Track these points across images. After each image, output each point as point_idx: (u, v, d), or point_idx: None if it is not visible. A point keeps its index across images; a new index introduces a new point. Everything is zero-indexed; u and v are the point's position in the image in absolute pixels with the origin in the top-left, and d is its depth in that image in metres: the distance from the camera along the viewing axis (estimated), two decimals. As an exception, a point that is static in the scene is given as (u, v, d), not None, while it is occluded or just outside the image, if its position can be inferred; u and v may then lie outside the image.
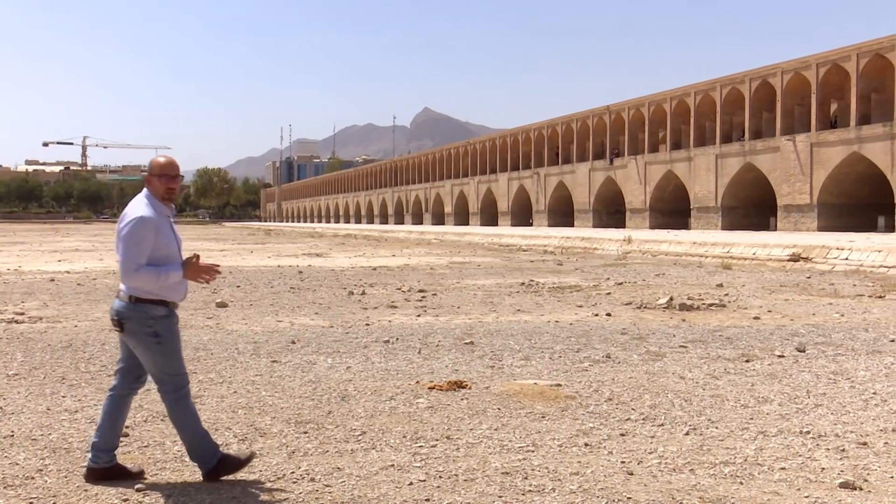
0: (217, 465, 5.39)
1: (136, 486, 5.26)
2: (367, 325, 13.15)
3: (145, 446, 6.21)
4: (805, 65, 50.73)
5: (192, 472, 5.57)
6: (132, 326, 5.24)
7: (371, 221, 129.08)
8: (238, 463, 5.44)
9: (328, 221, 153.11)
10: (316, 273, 25.24)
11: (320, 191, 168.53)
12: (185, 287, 5.43)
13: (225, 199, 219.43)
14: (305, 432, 6.59)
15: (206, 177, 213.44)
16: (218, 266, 5.48)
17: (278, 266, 28.91)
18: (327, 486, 5.34)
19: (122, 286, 5.30)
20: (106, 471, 5.38)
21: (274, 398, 7.79)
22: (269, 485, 5.37)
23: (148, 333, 5.23)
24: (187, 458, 5.73)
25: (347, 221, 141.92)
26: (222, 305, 15.78)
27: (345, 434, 6.55)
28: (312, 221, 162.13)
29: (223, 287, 20.06)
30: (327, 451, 6.09)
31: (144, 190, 5.44)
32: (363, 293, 18.40)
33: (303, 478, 5.48)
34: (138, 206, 5.27)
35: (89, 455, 5.44)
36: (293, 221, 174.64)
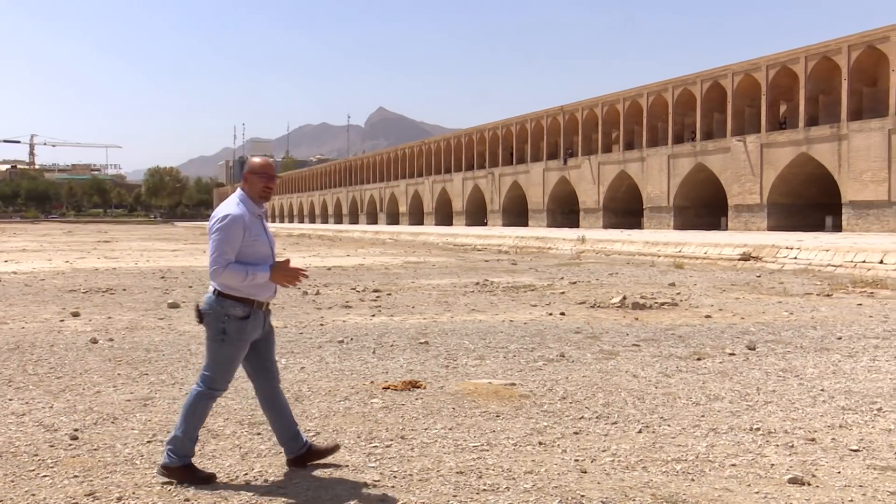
0: (180, 468, 5.35)
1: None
2: (322, 325, 13.09)
3: (95, 449, 6.11)
4: (755, 67, 51.45)
5: (143, 475, 5.50)
6: (209, 319, 5.36)
7: (325, 221, 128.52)
8: (202, 478, 5.36)
9: (282, 221, 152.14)
10: (270, 273, 25.04)
11: (274, 190, 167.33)
12: (274, 288, 5.49)
13: (177, 198, 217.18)
14: (259, 433, 6.54)
15: (158, 176, 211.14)
16: (305, 270, 5.59)
17: (231, 266, 28.61)
18: (280, 487, 5.30)
19: (211, 282, 5.45)
20: (295, 459, 5.63)
21: (227, 399, 7.71)
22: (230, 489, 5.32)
23: (218, 329, 5.32)
24: (138, 461, 5.67)
25: (301, 221, 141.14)
26: (174, 306, 15.61)
27: (299, 435, 6.50)
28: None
29: (175, 287, 19.86)
30: (280, 453, 6.04)
31: (239, 189, 5.54)
32: (317, 293, 18.31)
33: (256, 479, 5.44)
34: (230, 205, 5.37)
35: (284, 449, 5.69)
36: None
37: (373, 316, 14.30)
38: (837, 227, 45.65)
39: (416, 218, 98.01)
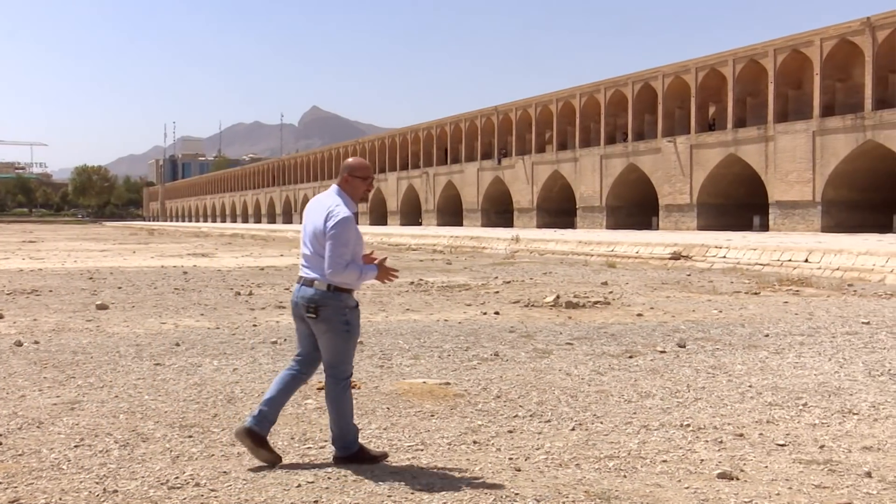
0: (355, 453, 5.71)
1: None
2: (255, 325, 12.96)
3: (20, 454, 5.96)
4: (685, 69, 52.31)
5: (70, 481, 5.38)
6: (328, 313, 5.55)
7: (259, 221, 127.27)
8: (373, 457, 5.75)
9: (214, 221, 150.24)
10: (201, 273, 24.73)
11: (206, 190, 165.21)
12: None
13: (105, 197, 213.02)
14: (190, 436, 6.45)
15: (86, 175, 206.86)
16: (397, 271, 5.88)
17: (162, 266, 28.20)
18: (213, 490, 5.23)
19: (310, 274, 5.62)
20: (259, 439, 5.70)
21: (157, 402, 7.60)
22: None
23: (342, 321, 5.57)
24: (65, 466, 5.56)
25: (234, 221, 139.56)
26: (103, 307, 15.31)
27: (231, 437, 6.42)
28: (198, 221, 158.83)
29: (104, 288, 19.47)
30: (213, 455, 5.97)
31: (335, 188, 5.72)
32: (250, 294, 18.12)
33: (187, 482, 5.36)
34: (341, 206, 5.57)
35: (250, 417, 5.75)
36: (178, 221, 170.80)
37: (307, 316, 14.18)
38: (765, 227, 46.65)
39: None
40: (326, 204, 5.62)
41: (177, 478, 5.45)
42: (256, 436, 5.67)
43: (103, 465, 5.73)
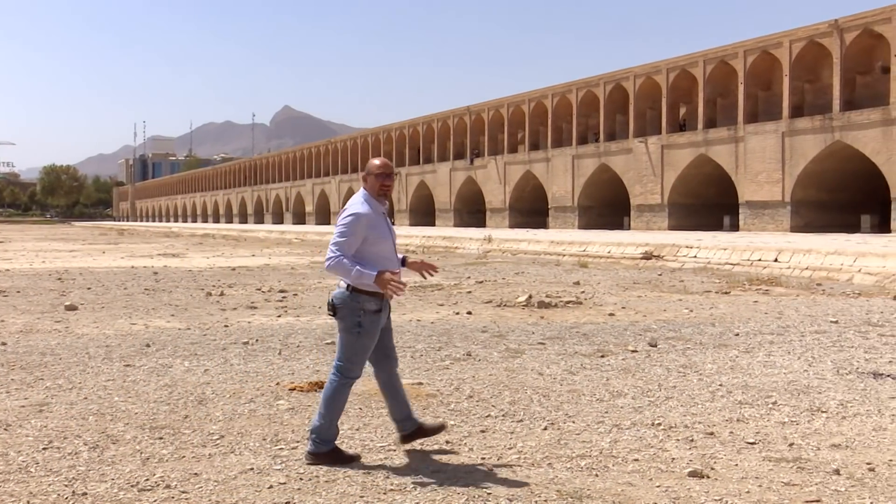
0: (327, 452, 5.74)
1: None
2: (226, 326, 12.88)
3: (-13, 457, 5.88)
4: (656, 70, 52.62)
5: (38, 484, 5.31)
6: (343, 313, 5.69)
7: (230, 221, 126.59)
8: (345, 458, 5.77)
9: (185, 221, 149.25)
10: (172, 274, 24.56)
11: (177, 189, 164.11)
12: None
13: (74, 197, 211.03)
14: (161, 438, 6.40)
15: (54, 174, 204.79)
16: (435, 267, 6.09)
17: (132, 267, 27.98)
18: (184, 492, 5.19)
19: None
20: (406, 436, 6.01)
21: (127, 403, 7.53)
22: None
23: (354, 322, 5.66)
24: (33, 469, 5.52)
25: (205, 221, 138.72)
26: (72, 308, 15.16)
27: (202, 438, 6.39)
28: (168, 221, 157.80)
29: (73, 289, 19.29)
30: (184, 457, 5.93)
31: (361, 189, 5.92)
32: (222, 294, 18.02)
33: (158, 485, 5.31)
34: (356, 204, 5.75)
35: (396, 426, 6.08)
36: (148, 221, 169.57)
37: (279, 317, 14.14)
38: (735, 227, 47.01)
39: (323, 218, 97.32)
40: (346, 204, 5.82)
41: (147, 480, 5.40)
42: (409, 437, 6.04)
43: (72, 467, 5.68)
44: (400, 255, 6.04)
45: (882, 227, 39.99)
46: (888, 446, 6.20)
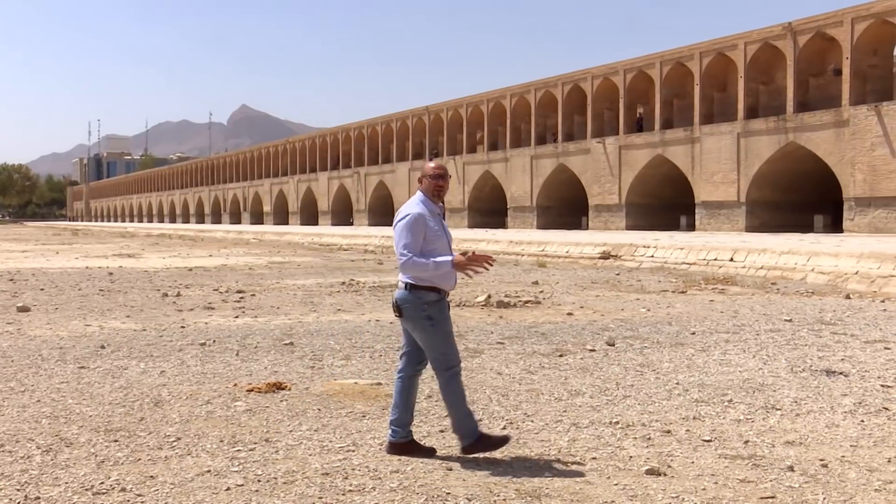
0: (476, 441, 5.87)
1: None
2: (183, 327, 12.76)
3: None
4: (613, 70, 52.98)
5: None
6: (409, 311, 5.87)
7: (187, 221, 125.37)
8: (496, 442, 5.92)
9: (141, 221, 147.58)
10: (127, 274, 24.26)
11: (132, 189, 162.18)
12: (455, 277, 6.01)
13: (27, 197, 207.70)
14: (116, 440, 6.32)
15: (6, 173, 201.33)
16: (491, 259, 6.07)
17: (87, 267, 27.60)
18: (139, 495, 5.14)
19: (400, 277, 5.95)
20: (404, 445, 5.99)
21: (81, 406, 7.43)
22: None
23: (423, 317, 5.84)
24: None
25: (162, 221, 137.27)
26: (24, 310, 14.92)
27: (158, 441, 6.32)
28: (124, 221, 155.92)
29: (25, 290, 18.99)
30: (139, 460, 5.86)
31: (418, 192, 6.09)
32: (178, 295, 17.84)
33: (113, 488, 5.25)
34: (412, 205, 5.96)
35: (389, 431, 6.06)
36: (103, 221, 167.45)
37: (236, 317, 14.04)
38: (691, 227, 47.47)
39: (281, 217, 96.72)
40: (402, 207, 6.02)
41: (102, 483, 5.34)
42: (397, 445, 5.99)
43: (24, 471, 5.59)
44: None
45: (834, 226, 40.60)
46: (840, 443, 6.30)
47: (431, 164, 6.13)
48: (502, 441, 5.94)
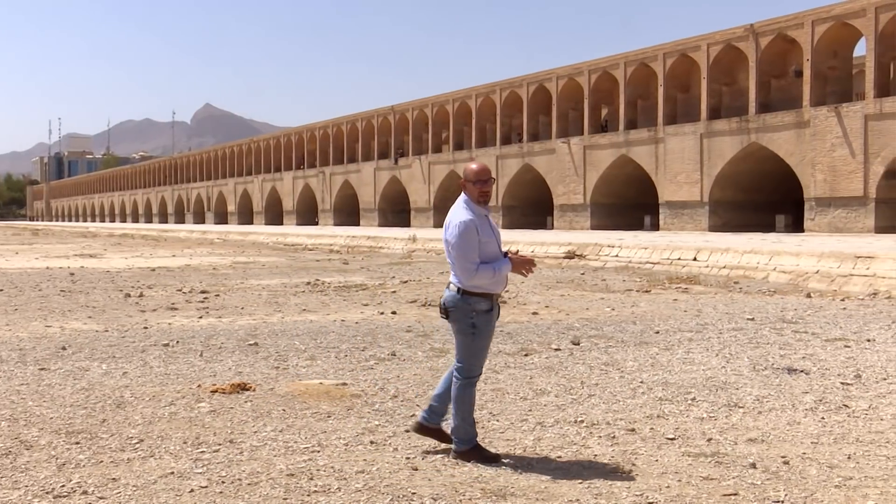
0: (470, 449, 5.88)
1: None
2: (146, 328, 12.63)
3: None
4: (578, 71, 53.23)
5: None
6: (456, 315, 5.88)
7: (150, 221, 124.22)
8: (488, 457, 5.86)
9: (103, 221, 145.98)
10: (89, 275, 23.98)
11: (94, 188, 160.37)
12: (505, 282, 6.02)
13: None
14: (77, 443, 6.24)
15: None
16: (534, 260, 6.17)
17: (47, 268, 27.25)
18: (101, 498, 5.08)
19: (452, 279, 5.97)
20: (431, 429, 6.11)
21: (42, 408, 7.33)
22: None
23: (468, 323, 5.85)
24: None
25: (124, 221, 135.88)
26: (-16, 310, 14.70)
27: (121, 443, 6.26)
28: (86, 221, 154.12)
29: (-15, 291, 18.70)
30: (101, 462, 5.79)
31: (462, 195, 6.01)
32: (141, 295, 17.67)
33: (74, 491, 5.18)
34: (458, 212, 5.90)
35: (422, 412, 6.21)
36: (64, 221, 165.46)
37: (200, 318, 13.92)
38: (655, 227, 47.82)
39: (246, 217, 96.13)
40: (449, 215, 6.00)
41: (63, 486, 5.27)
42: (425, 428, 6.10)
43: (-16, 474, 5.50)
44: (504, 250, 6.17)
45: (796, 226, 41.10)
46: (801, 440, 6.38)
47: (474, 167, 6.02)
48: (494, 458, 5.85)
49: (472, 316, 5.85)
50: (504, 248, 6.08)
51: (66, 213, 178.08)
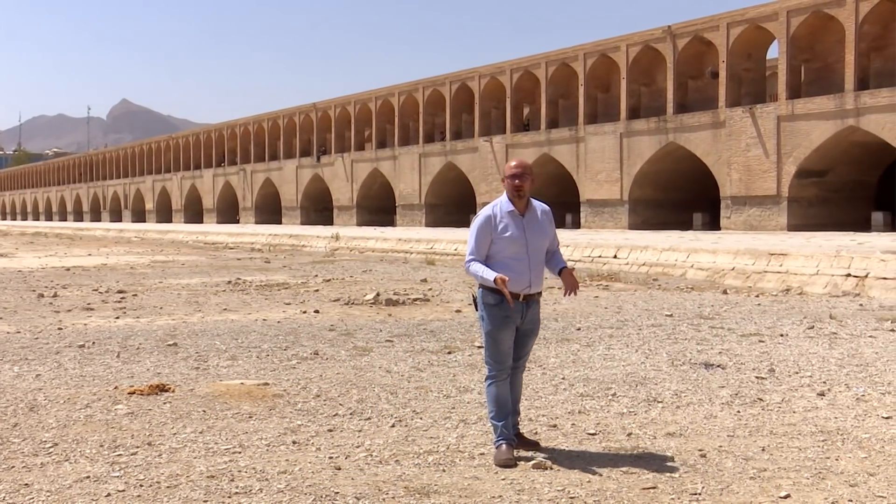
0: (508, 444, 5.85)
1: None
2: (60, 329, 12.31)
3: None
4: (500, 70, 53.57)
5: None
6: (474, 305, 6.10)
7: (64, 219, 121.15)
8: (528, 445, 6.02)
9: (14, 219, 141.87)
10: (0, 275, 23.28)
11: (4, 186, 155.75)
12: (528, 281, 6.02)
13: None
14: None
15: None
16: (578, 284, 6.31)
17: (-44, 267, 26.37)
18: (28, 496, 4.93)
19: None
20: (518, 436, 6.07)
21: (-49, 412, 7.09)
22: None
23: (479, 315, 6.06)
24: None
25: (37, 219, 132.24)
26: None
27: (34, 447, 6.09)
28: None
29: None
30: (13, 467, 5.63)
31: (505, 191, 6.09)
32: (55, 295, 17.22)
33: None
34: (487, 206, 6.07)
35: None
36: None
37: (117, 318, 13.63)
38: (577, 225, 48.41)
39: (165, 215, 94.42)
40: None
41: (-26, 493, 5.11)
42: (519, 438, 6.07)
43: None
44: (561, 265, 6.29)
45: (712, 224, 42.00)
46: (718, 433, 6.52)
47: (510, 163, 6.05)
48: (534, 443, 6.08)
49: (483, 308, 5.99)
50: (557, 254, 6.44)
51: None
